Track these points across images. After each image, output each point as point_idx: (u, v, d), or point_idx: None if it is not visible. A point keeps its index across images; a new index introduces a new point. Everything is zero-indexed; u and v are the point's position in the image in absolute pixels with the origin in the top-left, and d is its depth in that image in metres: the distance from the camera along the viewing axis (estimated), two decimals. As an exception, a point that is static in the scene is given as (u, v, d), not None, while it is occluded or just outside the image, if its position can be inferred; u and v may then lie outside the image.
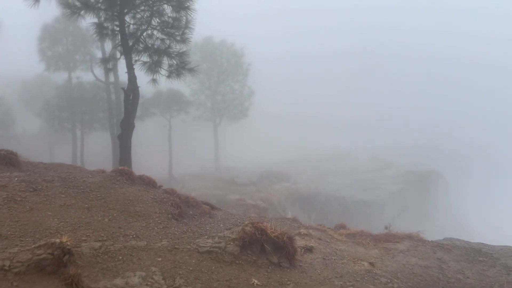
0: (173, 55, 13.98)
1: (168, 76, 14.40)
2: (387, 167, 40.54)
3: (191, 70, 14.72)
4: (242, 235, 6.34)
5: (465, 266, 7.41)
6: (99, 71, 28.75)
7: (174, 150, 44.14)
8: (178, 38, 14.36)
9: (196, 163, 45.71)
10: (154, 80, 14.62)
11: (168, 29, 13.83)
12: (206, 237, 6.86)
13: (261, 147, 57.23)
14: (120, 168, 9.55)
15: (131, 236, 6.55)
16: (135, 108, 13.97)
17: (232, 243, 6.30)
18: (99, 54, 28.14)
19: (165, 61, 14.81)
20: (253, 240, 6.30)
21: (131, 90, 13.64)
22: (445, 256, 7.95)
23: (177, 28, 14.34)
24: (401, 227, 28.31)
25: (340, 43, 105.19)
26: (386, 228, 10.82)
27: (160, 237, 6.75)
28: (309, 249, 7.56)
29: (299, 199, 22.31)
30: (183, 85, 42.68)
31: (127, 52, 13.30)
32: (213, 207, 10.56)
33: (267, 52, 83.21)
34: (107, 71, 19.29)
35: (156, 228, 7.23)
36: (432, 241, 9.13)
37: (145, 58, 14.15)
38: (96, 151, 34.91)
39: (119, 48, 13.91)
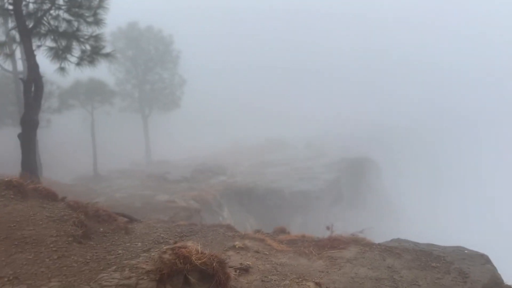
0: (83, 39, 11.97)
1: (78, 64, 12.35)
2: (322, 155, 40.74)
3: (107, 56, 12.79)
4: (159, 266, 4.92)
5: (418, 275, 6.62)
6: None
7: (102, 145, 40.96)
8: (90, 19, 12.35)
9: (126, 158, 42.91)
10: (62, 69, 12.47)
11: (75, 9, 11.75)
12: (114, 267, 5.35)
13: (196, 138, 55.36)
14: (6, 179, 7.61)
15: (6, 278, 4.88)
16: (38, 102, 11.78)
17: (146, 278, 4.86)
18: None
19: (77, 46, 12.80)
20: (174, 271, 4.91)
21: (32, 81, 11.43)
22: (396, 263, 7.13)
23: (88, 8, 12.31)
24: (338, 215, 28.14)
25: (272, 26, 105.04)
26: (328, 228, 9.93)
27: (50, 275, 5.13)
28: (245, 270, 6.34)
29: (236, 194, 21.17)
30: (107, 74, 39.68)
31: (26, 36, 11.08)
32: (131, 219, 8.97)
33: (198, 39, 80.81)
34: (6, 57, 16.72)
35: (47, 260, 5.58)
36: (379, 244, 8.33)
37: (50, 43, 12.04)
38: (8, 150, 31.10)
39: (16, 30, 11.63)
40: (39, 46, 11.95)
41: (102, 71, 40.28)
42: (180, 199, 14.58)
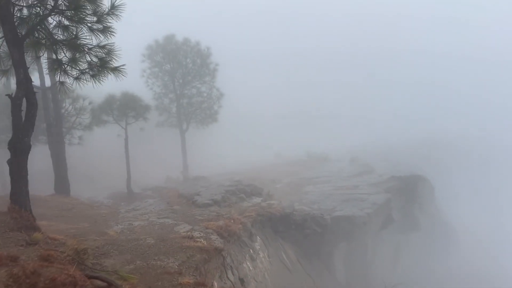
0: (90, 49, 10.32)
1: (77, 78, 10.71)
2: (367, 171, 37.58)
3: (114, 70, 11.08)
4: None
5: None
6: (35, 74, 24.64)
7: (138, 161, 40.23)
8: (96, 27, 10.70)
9: (163, 174, 41.87)
10: (61, 83, 10.85)
11: (77, 14, 10.12)
12: None
13: (234, 152, 53.70)
14: None
15: None
16: (30, 122, 10.12)
17: None
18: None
19: (83, 59, 11.22)
20: None
21: (21, 97, 9.84)
22: None
23: (94, 14, 10.68)
24: (387, 240, 25.00)
25: (316, 38, 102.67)
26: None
27: None
28: None
29: (271, 221, 18.88)
30: (144, 89, 39.01)
31: (15, 46, 9.54)
32: (110, 284, 6.92)
33: (235, 51, 79.89)
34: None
35: None
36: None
37: (49, 53, 10.51)
38: (41, 169, 30.66)
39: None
40: (37, 57, 10.44)
41: (138, 86, 39.96)
42: (201, 233, 12.50)
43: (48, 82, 23.61)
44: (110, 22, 10.78)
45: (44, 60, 12.07)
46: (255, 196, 22.85)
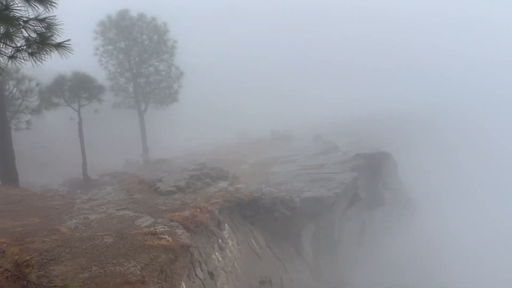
0: (19, 21, 8.77)
1: (12, 57, 9.15)
2: (331, 148, 37.47)
3: (58, 47, 9.58)
4: None
5: None
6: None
7: (95, 145, 38.11)
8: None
9: (122, 158, 40.01)
10: (-9, 63, 9.25)
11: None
12: None
13: (196, 133, 52.22)
14: None
15: None
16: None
17: None
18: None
19: (19, 34, 9.63)
20: None
21: None
22: None
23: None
24: (353, 217, 24.85)
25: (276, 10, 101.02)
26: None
27: None
28: None
29: (239, 206, 18.05)
30: (97, 68, 36.61)
31: None
32: None
33: (195, 27, 77.20)
34: None
35: None
36: None
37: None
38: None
39: None
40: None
41: (92, 65, 37.45)
42: (166, 226, 11.45)
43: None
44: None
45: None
46: (221, 180, 21.88)
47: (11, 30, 9.23)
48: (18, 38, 9.57)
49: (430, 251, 36.11)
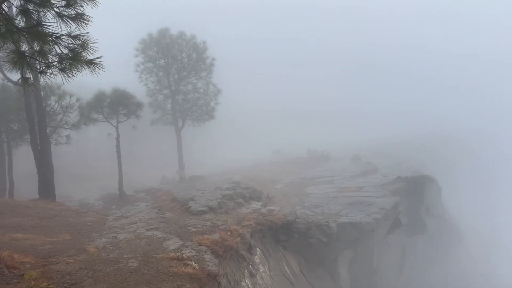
0: (51, 37, 8.65)
1: (42, 72, 9.02)
2: (371, 170, 36.00)
3: (89, 64, 9.41)
4: None
5: None
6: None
7: (132, 160, 38.70)
8: (66, 12, 9.02)
9: (159, 174, 40.32)
10: (24, 80, 9.17)
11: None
12: None
13: (232, 150, 52.05)
14: None
15: None
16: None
17: None
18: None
19: (52, 51, 9.57)
20: None
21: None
22: None
23: (64, -2, 8.98)
24: (394, 244, 23.37)
25: (317, 33, 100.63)
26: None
27: None
28: None
29: (272, 230, 17.28)
30: (137, 84, 37.33)
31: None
32: None
33: (235, 46, 77.98)
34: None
35: None
36: None
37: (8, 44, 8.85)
38: (28, 170, 28.99)
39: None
40: (-2, 49, 8.74)
41: (132, 81, 38.26)
42: (193, 251, 10.88)
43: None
44: (83, 7, 9.06)
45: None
46: (254, 200, 21.24)
47: (44, 47, 9.16)
48: (51, 55, 9.53)
49: (476, 284, 33.69)
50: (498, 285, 35.06)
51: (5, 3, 8.47)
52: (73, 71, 9.25)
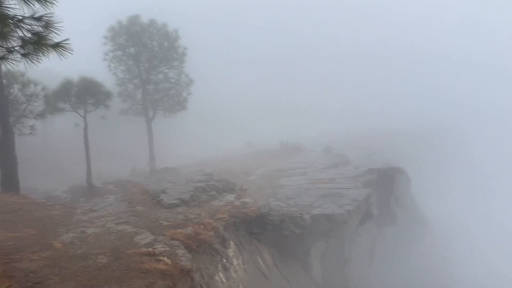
0: (11, 21, 8.02)
1: (2, 58, 8.41)
2: (342, 162, 36.37)
3: (56, 47, 8.85)
4: None
5: None
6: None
7: (101, 151, 37.61)
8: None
9: (129, 164, 39.39)
10: (-18, 65, 8.51)
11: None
12: None
13: (204, 141, 51.46)
14: None
15: None
16: None
17: None
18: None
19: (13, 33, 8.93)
20: None
21: None
22: None
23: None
24: (365, 235, 23.70)
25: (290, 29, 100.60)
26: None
27: None
28: None
29: (245, 222, 17.09)
30: (105, 73, 36.16)
31: None
32: None
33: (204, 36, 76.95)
34: None
35: None
36: None
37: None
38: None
39: None
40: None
41: (100, 70, 37.03)
42: (166, 246, 10.53)
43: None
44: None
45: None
46: (227, 192, 20.98)
47: (5, 30, 8.52)
48: (12, 40, 8.90)
49: (442, 271, 34.79)
50: (460, 274, 36.28)
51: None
52: (38, 56, 8.68)
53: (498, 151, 63.02)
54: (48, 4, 8.90)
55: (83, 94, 26.84)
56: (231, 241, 15.24)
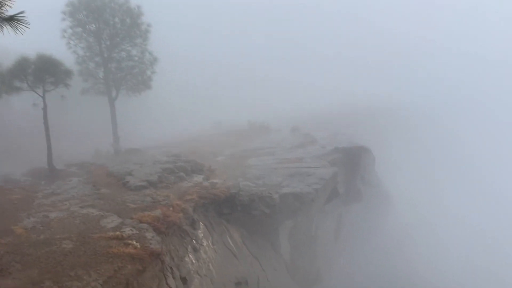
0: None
1: None
2: (311, 142, 36.79)
3: (10, 21, 8.22)
4: None
5: None
6: None
7: (62, 132, 36.16)
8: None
9: (92, 146, 38.11)
10: None
11: None
12: None
13: (170, 122, 50.52)
14: None
15: None
16: None
17: None
18: None
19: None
20: None
21: None
22: None
23: None
24: (331, 212, 24.19)
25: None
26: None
27: None
28: None
29: (215, 203, 16.99)
30: (64, 51, 34.52)
31: None
32: None
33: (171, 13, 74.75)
34: None
35: None
36: None
37: None
38: None
39: None
40: None
41: (59, 48, 35.26)
42: (134, 229, 10.28)
43: None
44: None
45: None
46: (195, 173, 20.74)
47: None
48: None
49: (404, 244, 36.27)
50: (422, 251, 37.93)
51: None
52: (-11, 30, 8.03)
53: (469, 132, 65.45)
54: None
55: (41, 72, 25.52)
56: (201, 222, 15.12)
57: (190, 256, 12.82)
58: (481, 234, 42.38)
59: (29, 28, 8.86)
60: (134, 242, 9.05)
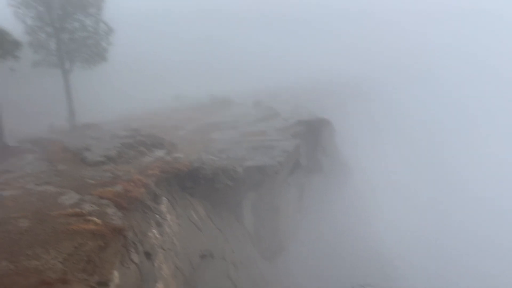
0: None
1: None
2: (274, 115, 36.86)
3: None
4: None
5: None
6: None
7: (13, 107, 34.28)
8: None
9: (46, 121, 36.46)
10: None
11: None
12: None
13: (128, 95, 48.97)
14: None
15: None
16: None
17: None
18: None
19: None
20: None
21: None
22: None
23: None
24: (293, 183, 24.61)
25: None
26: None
27: None
28: None
29: (178, 178, 16.80)
30: (12, 20, 32.36)
31: None
32: None
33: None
34: None
35: None
36: None
37: None
38: None
39: None
40: None
41: (6, 17, 32.95)
42: (94, 205, 10.00)
43: None
44: None
45: None
46: (157, 148, 20.34)
47: None
48: None
49: (363, 210, 37.76)
50: (379, 220, 39.61)
51: None
52: None
53: (428, 104, 67.60)
54: None
55: (-14, 43, 23.90)
56: (163, 197, 14.94)
57: (154, 231, 12.70)
58: (424, 199, 45.38)
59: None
60: (95, 219, 8.81)
